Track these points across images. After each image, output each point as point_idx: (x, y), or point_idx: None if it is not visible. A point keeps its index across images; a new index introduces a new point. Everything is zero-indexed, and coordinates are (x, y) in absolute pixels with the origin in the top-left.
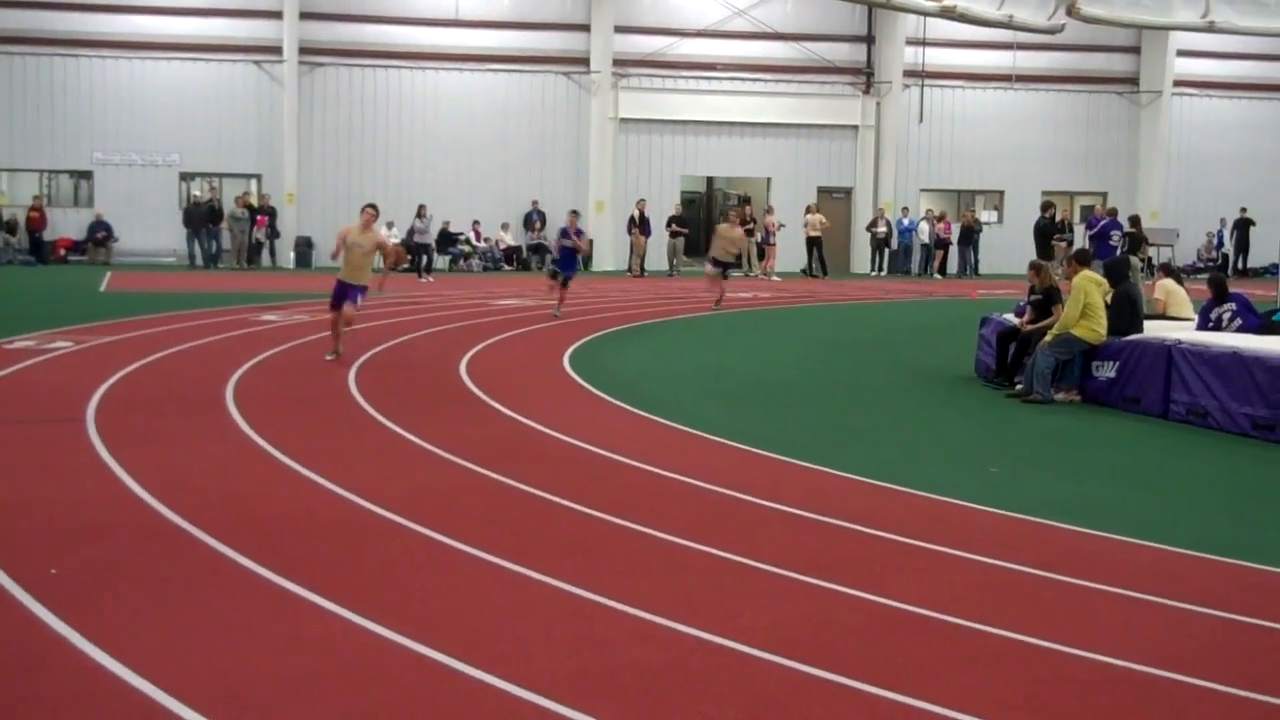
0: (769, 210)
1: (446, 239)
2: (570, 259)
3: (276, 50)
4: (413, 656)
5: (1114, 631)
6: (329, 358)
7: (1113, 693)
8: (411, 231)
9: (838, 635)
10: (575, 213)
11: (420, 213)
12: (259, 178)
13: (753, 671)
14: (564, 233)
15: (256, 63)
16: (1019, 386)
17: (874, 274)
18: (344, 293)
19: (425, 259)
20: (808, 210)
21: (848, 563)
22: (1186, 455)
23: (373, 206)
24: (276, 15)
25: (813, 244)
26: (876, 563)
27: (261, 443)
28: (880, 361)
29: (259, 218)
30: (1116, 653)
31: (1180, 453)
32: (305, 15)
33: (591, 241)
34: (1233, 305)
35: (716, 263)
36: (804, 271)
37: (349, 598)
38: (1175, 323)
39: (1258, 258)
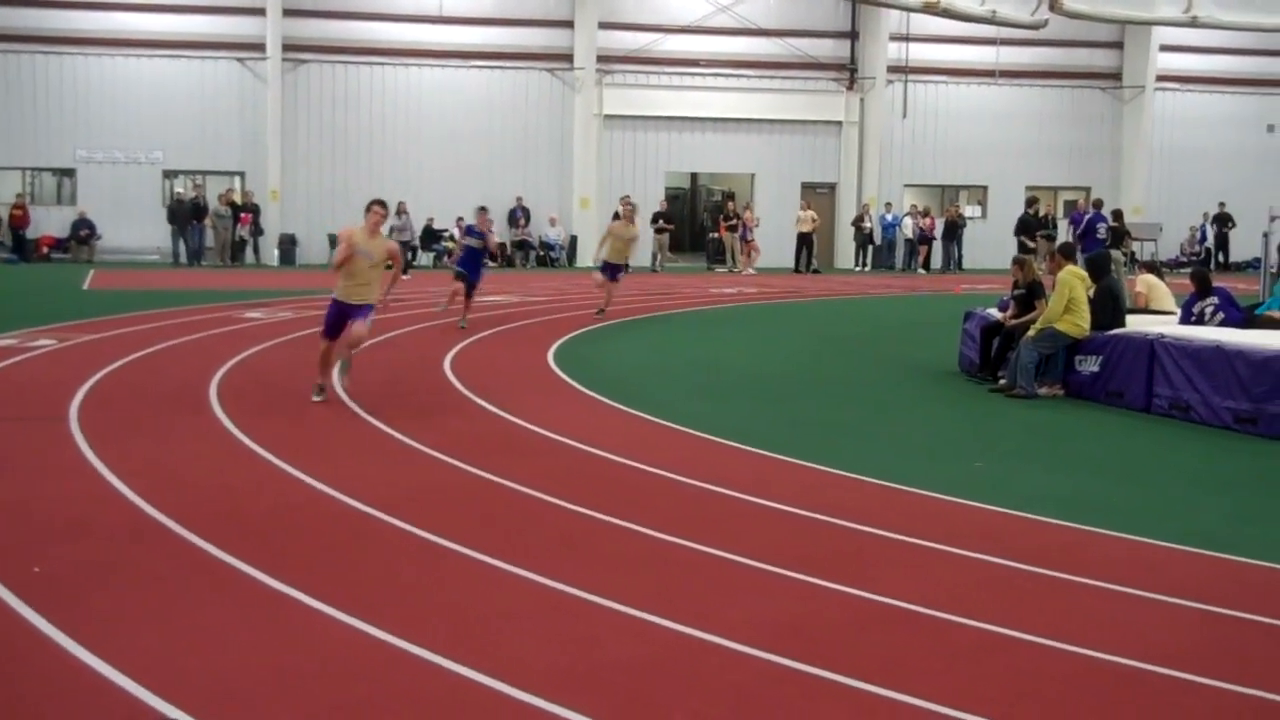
0: (748, 207)
1: (430, 235)
2: (475, 260)
3: (260, 47)
4: (398, 653)
5: (1098, 624)
6: (316, 399)
7: (1097, 685)
8: (391, 230)
9: (823, 630)
10: (484, 209)
11: (400, 209)
12: (242, 175)
13: (738, 666)
14: (469, 230)
15: (240, 60)
16: (1003, 381)
17: (858, 269)
18: (345, 317)
19: (409, 256)
20: (803, 207)
21: (833, 558)
22: (1169, 449)
23: (380, 204)
24: (260, 12)
25: (803, 240)
26: (862, 558)
27: (246, 440)
28: (864, 356)
29: (242, 215)
30: (1100, 646)
31: (1163, 446)
32: (288, 12)
33: (574, 237)
34: (1215, 299)
35: (608, 266)
36: (812, 269)
37: (335, 595)
38: (1158, 316)
39: (1239, 252)
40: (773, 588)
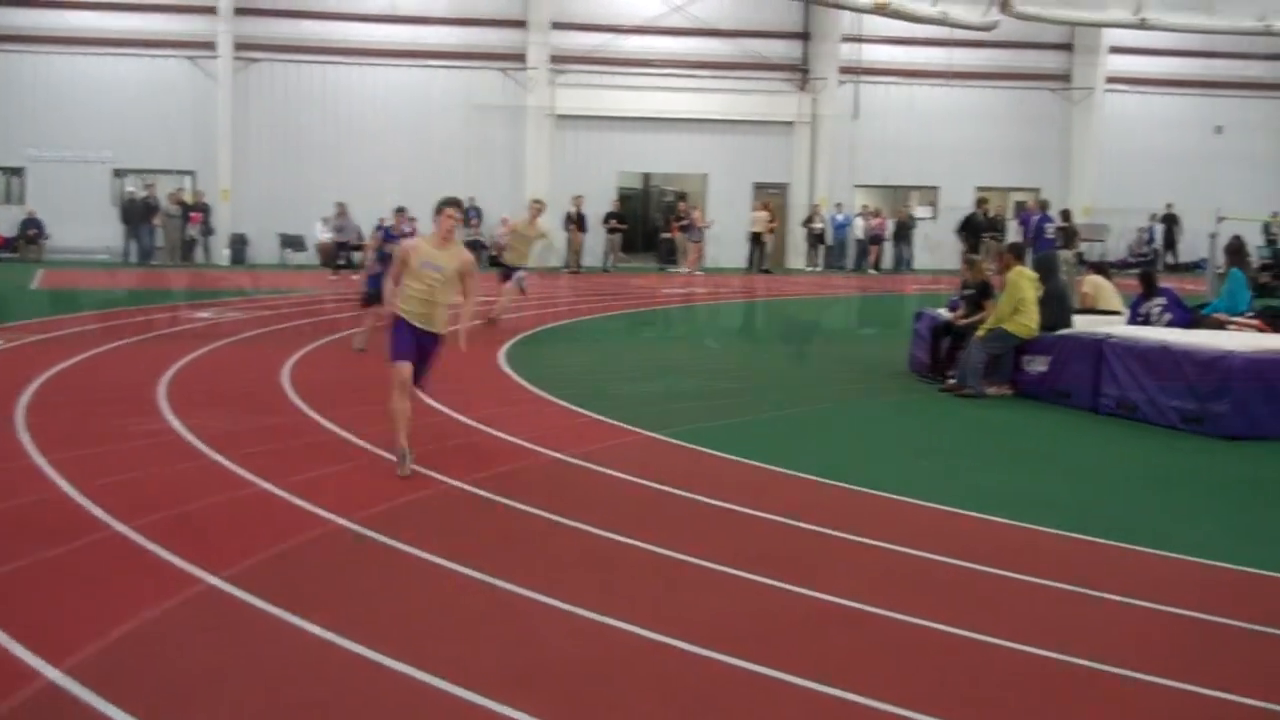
0: (695, 207)
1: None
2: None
3: (211, 46)
4: (345, 654)
5: (1045, 623)
6: (405, 471)
7: (1048, 685)
8: (334, 231)
9: (770, 629)
10: (402, 210)
11: (340, 210)
12: (193, 174)
13: (686, 667)
14: (387, 234)
15: (191, 58)
16: (952, 381)
17: (810, 269)
18: (418, 344)
19: (350, 258)
20: (756, 208)
21: (782, 557)
22: (1117, 448)
23: (454, 204)
24: (211, 11)
25: (756, 240)
26: (809, 557)
27: (195, 441)
28: (814, 356)
29: (192, 214)
30: (1046, 644)
31: (1110, 446)
32: (240, 11)
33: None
34: (1162, 300)
35: (512, 270)
36: (763, 269)
37: (281, 596)
38: (1105, 317)
39: (1187, 253)
40: (722, 587)
